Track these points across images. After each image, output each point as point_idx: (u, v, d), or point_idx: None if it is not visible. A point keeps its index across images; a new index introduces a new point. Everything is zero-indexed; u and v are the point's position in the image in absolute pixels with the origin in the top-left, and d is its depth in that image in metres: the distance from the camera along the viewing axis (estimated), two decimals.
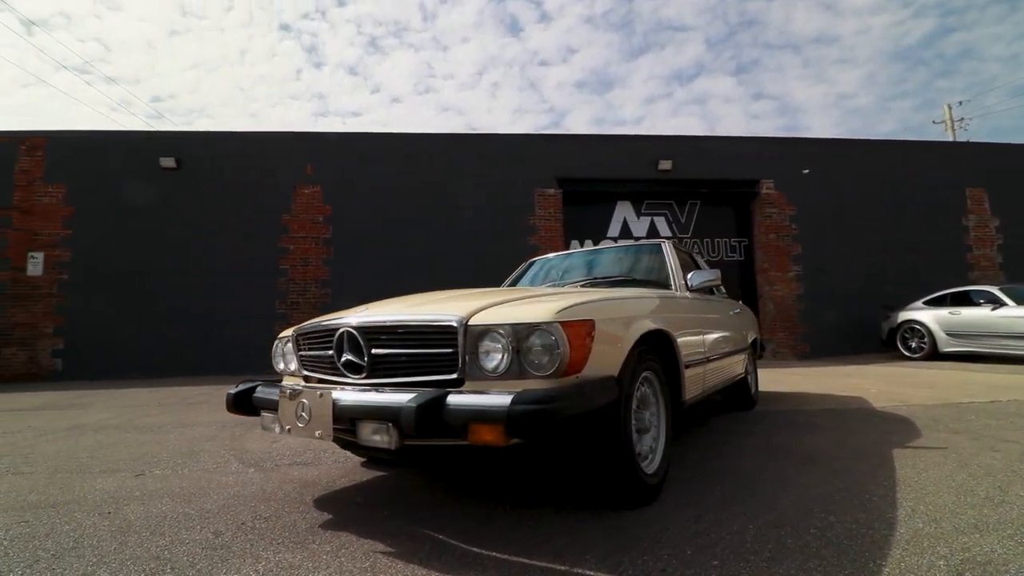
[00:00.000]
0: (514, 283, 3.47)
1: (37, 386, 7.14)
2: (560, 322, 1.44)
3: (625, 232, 9.85)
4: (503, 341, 1.47)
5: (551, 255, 3.64)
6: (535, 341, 1.44)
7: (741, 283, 9.91)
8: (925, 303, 8.09)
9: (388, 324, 1.69)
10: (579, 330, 1.48)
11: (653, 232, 9.90)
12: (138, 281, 8.33)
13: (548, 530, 1.60)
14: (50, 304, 8.14)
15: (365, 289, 5.62)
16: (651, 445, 1.92)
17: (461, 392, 1.41)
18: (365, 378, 1.70)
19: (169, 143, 8.70)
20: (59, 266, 8.30)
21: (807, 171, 9.64)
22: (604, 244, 9.56)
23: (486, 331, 1.50)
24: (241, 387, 1.90)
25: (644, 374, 1.88)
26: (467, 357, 1.51)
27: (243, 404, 1.87)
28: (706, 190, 9.73)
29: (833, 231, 9.65)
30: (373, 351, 1.69)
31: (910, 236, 9.76)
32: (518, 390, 1.36)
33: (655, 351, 1.98)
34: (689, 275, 2.76)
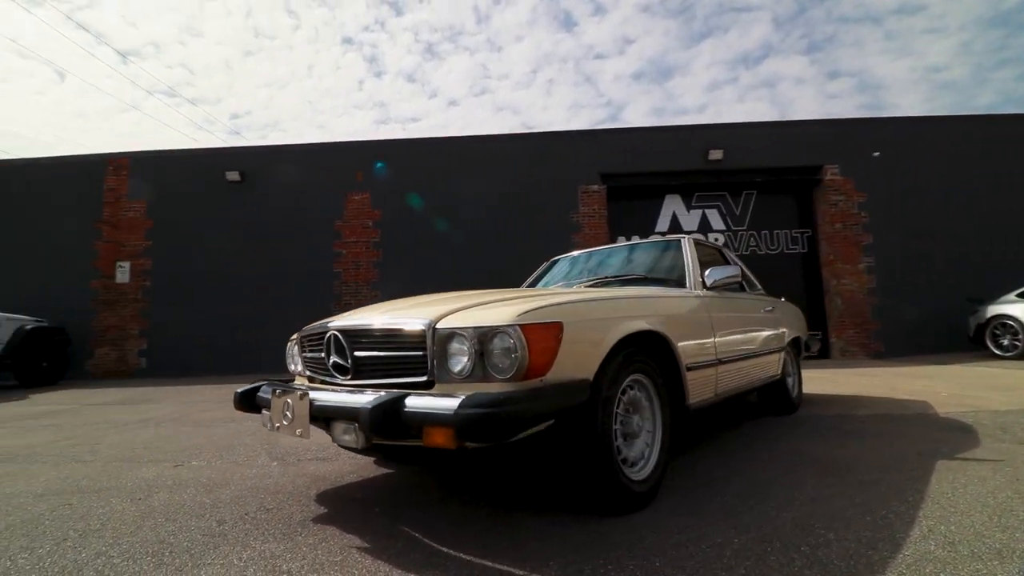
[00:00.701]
0: (534, 283, 3.44)
1: (124, 383, 7.95)
2: (520, 325, 1.41)
3: (675, 226, 9.50)
4: (467, 344, 1.47)
5: (572, 254, 3.58)
6: (496, 344, 1.43)
7: (805, 277, 9.29)
8: (1019, 295, 7.20)
9: (366, 328, 1.73)
10: (542, 333, 1.45)
11: (705, 226, 9.49)
12: (209, 286, 9.04)
13: (525, 534, 1.58)
14: (136, 308, 9.02)
15: (412, 290, 5.73)
16: (643, 451, 1.84)
17: (421, 394, 1.43)
18: (351, 379, 1.76)
19: (233, 158, 9.38)
20: (143, 274, 9.18)
21: (878, 154, 8.87)
22: (629, 241, 9.29)
23: (452, 335, 1.51)
24: (248, 386, 2.02)
25: (634, 377, 1.82)
26: (435, 360, 1.52)
27: (248, 402, 1.98)
28: (762, 179, 9.19)
29: (910, 218, 8.81)
30: (355, 354, 1.74)
31: (1003, 220, 8.73)
32: (507, 390, 1.37)
33: (650, 352, 1.90)
34: (707, 272, 2.62)
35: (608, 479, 1.61)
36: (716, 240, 9.43)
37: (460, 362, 1.48)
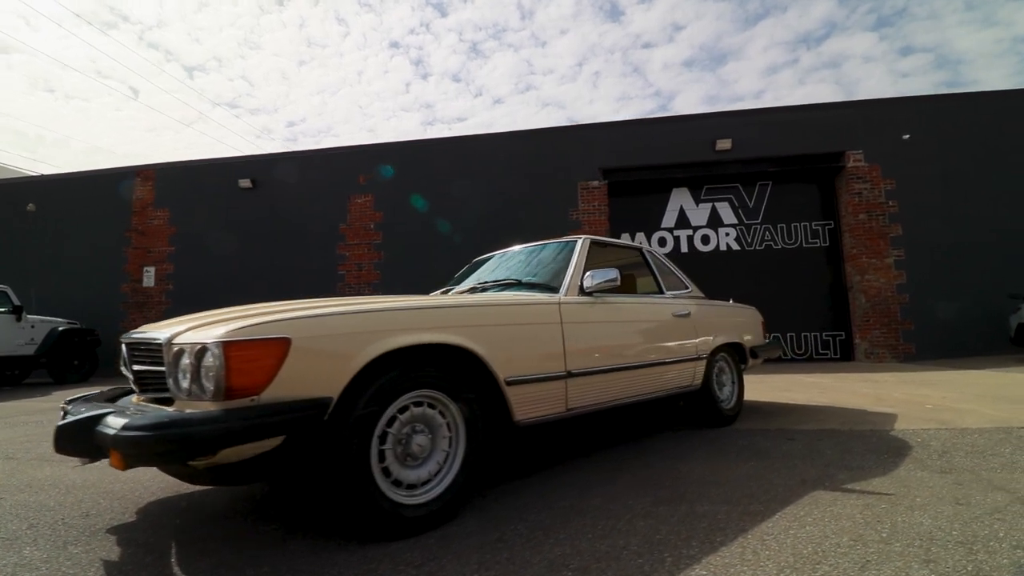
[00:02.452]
0: (455, 283, 3.34)
1: None
2: (224, 342, 1.33)
3: (682, 221, 9.06)
4: (188, 361, 1.41)
5: (492, 254, 3.44)
6: (206, 362, 1.36)
7: (827, 273, 8.61)
8: None
9: (133, 340, 1.71)
10: (253, 350, 1.36)
11: (715, 220, 8.98)
12: (224, 289, 9.48)
13: (287, 561, 1.49)
14: (160, 311, 9.60)
15: (411, 292, 5.81)
16: (435, 472, 1.71)
17: (119, 414, 1.38)
18: (140, 392, 1.74)
19: (245, 166, 9.79)
20: (167, 278, 9.76)
21: (908, 136, 8.06)
22: (634, 238, 8.90)
23: (180, 351, 1.45)
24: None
25: (423, 393, 1.69)
26: (170, 377, 1.47)
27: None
28: (777, 168, 8.57)
29: (945, 205, 7.96)
30: (134, 367, 1.72)
31: None
32: (195, 411, 1.31)
33: (451, 366, 1.77)
34: (586, 276, 2.43)
35: (363, 502, 1.50)
36: (727, 234, 8.92)
37: (186, 379, 1.42)
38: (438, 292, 3.27)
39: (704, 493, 1.95)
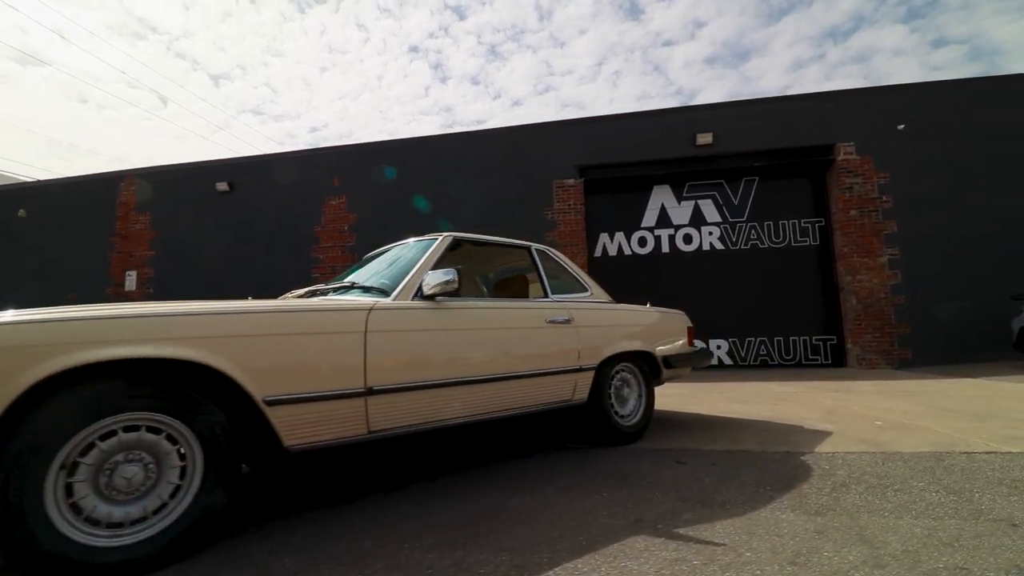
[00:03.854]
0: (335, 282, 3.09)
1: None
2: None
3: (664, 220, 8.65)
4: None
5: (379, 249, 3.18)
6: None
7: (818, 273, 8.09)
8: None
9: None
10: None
11: (698, 218, 8.55)
12: (203, 293, 9.46)
13: None
14: None
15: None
16: (153, 508, 1.46)
17: None
18: None
19: (223, 169, 9.76)
20: (147, 282, 9.80)
21: (903, 127, 7.51)
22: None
23: None
24: None
25: (135, 415, 1.44)
26: None
27: None
28: (762, 163, 8.10)
29: (944, 200, 7.38)
30: None
31: None
32: None
33: (195, 382, 1.53)
34: (425, 278, 2.15)
35: (18, 545, 1.26)
36: (711, 233, 8.48)
37: None
38: (299, 292, 3.02)
39: (505, 534, 1.65)
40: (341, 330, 1.84)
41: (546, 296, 2.74)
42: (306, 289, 2.43)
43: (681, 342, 3.35)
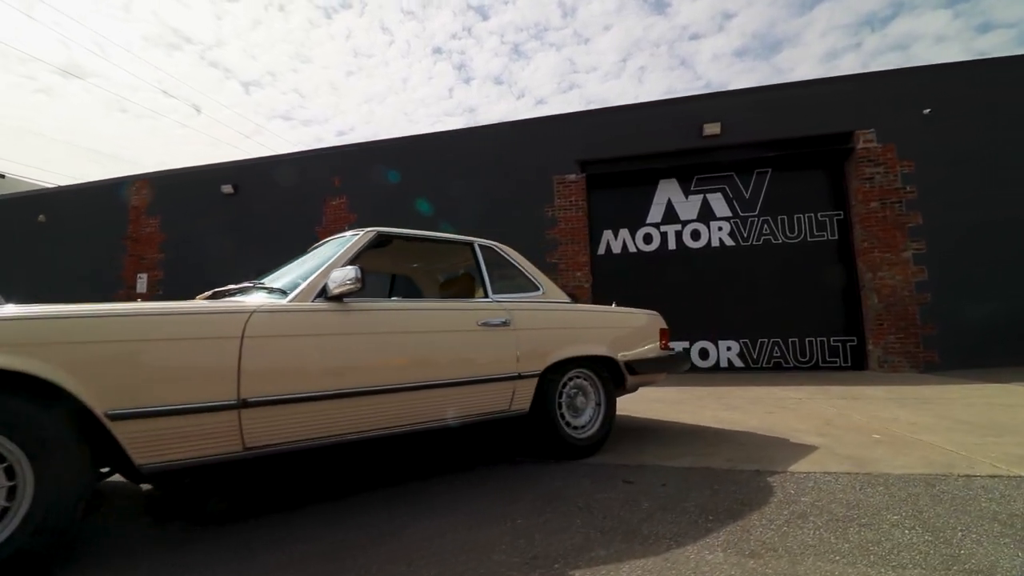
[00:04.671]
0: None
1: None
2: None
3: (670, 215, 8.26)
4: None
5: (311, 247, 3.01)
6: None
7: (837, 270, 7.58)
8: None
9: None
10: None
11: (707, 213, 8.13)
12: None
13: None
14: None
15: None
16: None
17: None
18: None
19: (228, 172, 9.84)
20: (157, 284, 9.96)
21: (928, 111, 6.95)
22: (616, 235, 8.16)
23: None
24: None
25: None
26: None
27: None
28: (775, 153, 7.63)
29: (974, 189, 6.79)
30: None
31: None
32: None
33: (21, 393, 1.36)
34: (330, 277, 1.95)
35: None
36: (720, 229, 8.05)
37: None
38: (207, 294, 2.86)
39: (373, 572, 1.43)
40: (210, 335, 1.65)
41: (486, 296, 2.50)
42: (211, 291, 2.26)
43: (651, 345, 3.06)
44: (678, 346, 7.96)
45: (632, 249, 8.37)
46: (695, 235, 8.16)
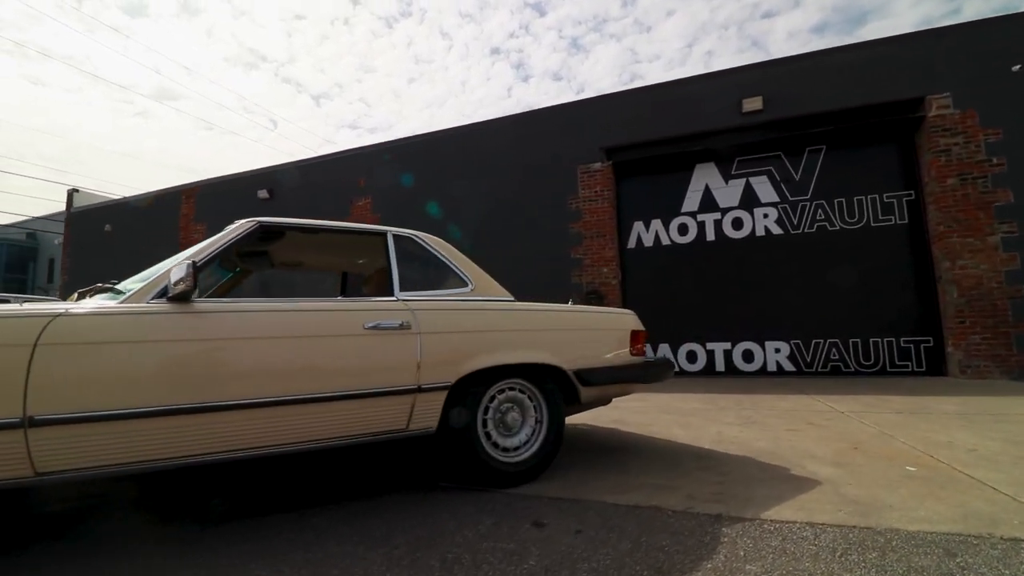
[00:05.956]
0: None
1: None
2: None
3: (708, 203, 7.50)
4: None
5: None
6: None
7: (908, 259, 6.53)
8: None
9: None
10: None
11: (750, 199, 7.29)
12: (250, 295, 9.89)
13: None
14: None
15: None
16: None
17: None
18: None
19: (263, 178, 10.14)
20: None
21: (1019, 67, 5.78)
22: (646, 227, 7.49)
23: None
24: None
25: None
26: None
27: None
28: (829, 128, 6.68)
29: None
30: None
31: None
32: None
33: None
34: (175, 277, 1.68)
35: None
36: (766, 216, 7.19)
37: None
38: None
39: None
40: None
41: (390, 293, 2.15)
42: (78, 292, 2.07)
43: (616, 352, 2.56)
44: (720, 348, 7.20)
45: (666, 241, 7.68)
46: (737, 224, 7.34)
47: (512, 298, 2.46)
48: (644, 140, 7.47)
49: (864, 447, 2.77)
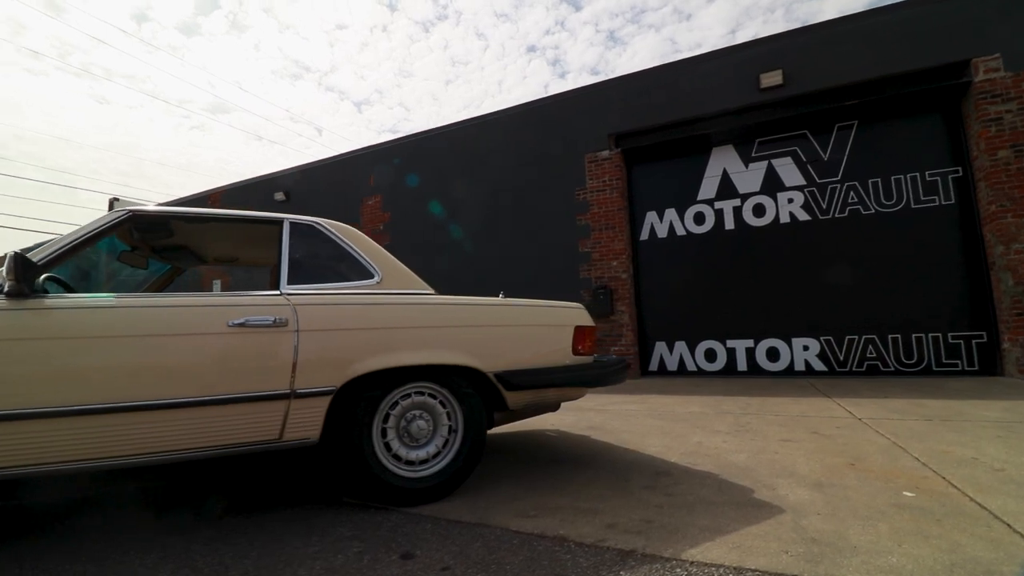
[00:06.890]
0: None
1: None
2: None
3: (727, 189, 6.94)
4: None
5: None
6: None
7: (955, 244, 5.79)
8: None
9: None
10: None
11: (773, 184, 6.69)
12: None
13: None
14: None
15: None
16: None
17: None
18: None
19: (280, 180, 10.27)
20: (227, 290, 10.71)
21: None
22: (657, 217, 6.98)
23: None
24: None
25: None
26: None
27: None
28: (861, 100, 6.01)
29: None
30: None
31: None
32: None
33: None
34: (4, 271, 1.51)
35: None
36: (791, 201, 6.58)
37: None
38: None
39: None
40: None
41: (276, 287, 1.91)
42: None
43: (554, 350, 2.23)
44: (742, 346, 6.66)
45: (681, 232, 7.18)
46: (758, 211, 6.76)
47: (431, 291, 2.18)
48: (655, 125, 6.99)
49: (863, 463, 2.32)
